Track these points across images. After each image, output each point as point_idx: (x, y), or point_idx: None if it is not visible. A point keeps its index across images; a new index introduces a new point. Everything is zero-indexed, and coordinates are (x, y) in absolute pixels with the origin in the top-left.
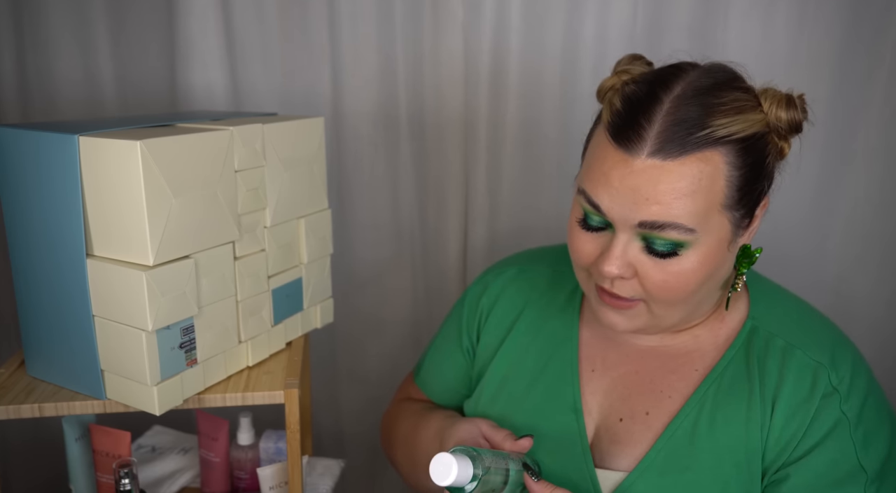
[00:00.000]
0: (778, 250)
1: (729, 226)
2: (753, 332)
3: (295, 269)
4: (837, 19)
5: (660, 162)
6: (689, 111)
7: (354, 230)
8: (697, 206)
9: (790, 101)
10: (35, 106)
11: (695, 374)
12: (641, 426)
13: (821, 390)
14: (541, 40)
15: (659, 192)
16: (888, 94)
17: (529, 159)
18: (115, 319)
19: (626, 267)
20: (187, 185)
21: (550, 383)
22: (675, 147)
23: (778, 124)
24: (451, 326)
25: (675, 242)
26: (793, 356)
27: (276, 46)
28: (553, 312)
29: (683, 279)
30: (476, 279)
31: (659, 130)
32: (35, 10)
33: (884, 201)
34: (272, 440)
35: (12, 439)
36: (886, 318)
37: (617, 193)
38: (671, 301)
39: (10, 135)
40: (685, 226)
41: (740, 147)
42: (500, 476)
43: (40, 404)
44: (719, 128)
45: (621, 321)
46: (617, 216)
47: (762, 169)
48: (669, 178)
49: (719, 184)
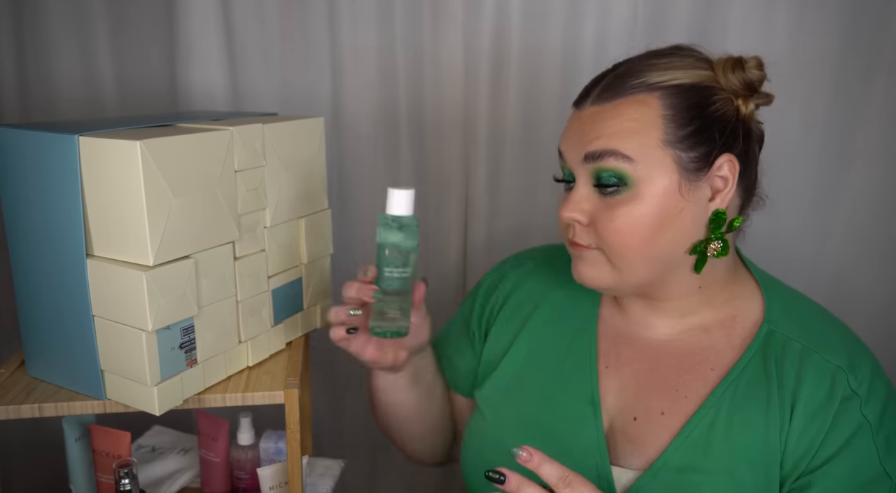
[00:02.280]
0: (778, 250)
1: (675, 166)
2: (770, 335)
3: (295, 269)
4: (837, 19)
5: (598, 107)
6: (630, 67)
7: (354, 230)
8: (634, 138)
9: (738, 62)
10: (35, 106)
11: (711, 374)
12: (657, 426)
13: (840, 394)
14: (541, 40)
15: (598, 129)
16: (888, 94)
17: (529, 159)
18: (115, 319)
19: (581, 212)
20: (187, 185)
21: (569, 375)
22: (611, 93)
23: (730, 85)
24: (462, 312)
25: (617, 174)
26: (810, 360)
27: (276, 46)
28: (571, 305)
29: (632, 220)
30: (494, 267)
31: (603, 85)
32: (35, 11)
33: (883, 201)
34: (272, 440)
35: (12, 439)
36: (885, 318)
37: (569, 139)
38: (624, 246)
39: (10, 135)
40: (622, 153)
41: (677, 91)
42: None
43: (40, 405)
44: (654, 76)
45: (586, 270)
46: (571, 158)
47: (707, 114)
48: (606, 116)
49: (656, 121)
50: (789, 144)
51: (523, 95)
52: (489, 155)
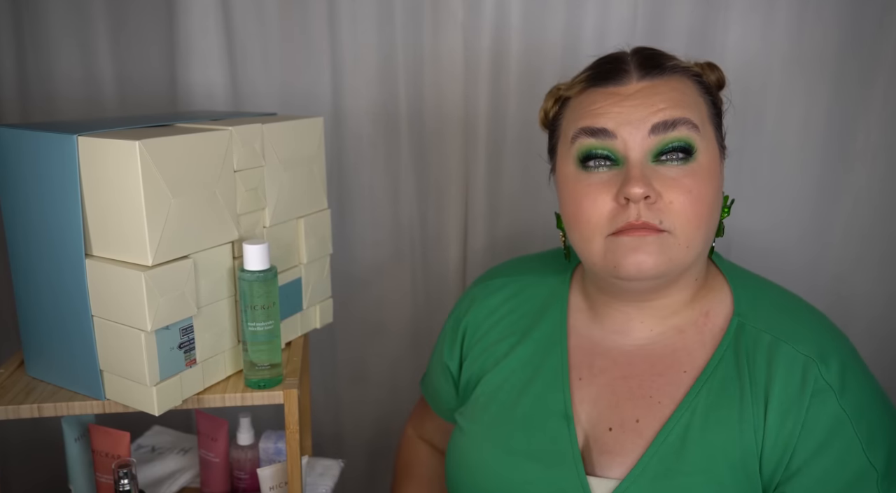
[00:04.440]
0: (778, 250)
1: (716, 143)
2: (741, 329)
3: (294, 269)
4: (837, 19)
5: (650, 82)
6: (650, 52)
7: (354, 230)
8: (695, 108)
9: (711, 64)
10: (35, 106)
11: (684, 376)
12: (632, 434)
13: (811, 386)
14: (540, 40)
15: (660, 100)
16: (888, 94)
17: (529, 159)
18: (114, 319)
19: (651, 188)
20: (186, 185)
21: (541, 390)
22: (658, 70)
23: (710, 82)
24: (440, 342)
25: (688, 142)
26: (780, 351)
27: (276, 46)
28: (540, 320)
29: (704, 191)
30: (464, 293)
31: (637, 64)
32: (35, 10)
33: (883, 202)
34: (272, 441)
35: (12, 439)
36: (886, 319)
37: (620, 113)
38: (696, 218)
39: (10, 135)
40: (692, 121)
41: (699, 77)
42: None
43: (39, 405)
44: (681, 64)
45: (647, 259)
46: (626, 133)
47: (716, 100)
48: (663, 88)
49: (701, 98)
50: (789, 145)
51: (523, 94)
52: (489, 154)
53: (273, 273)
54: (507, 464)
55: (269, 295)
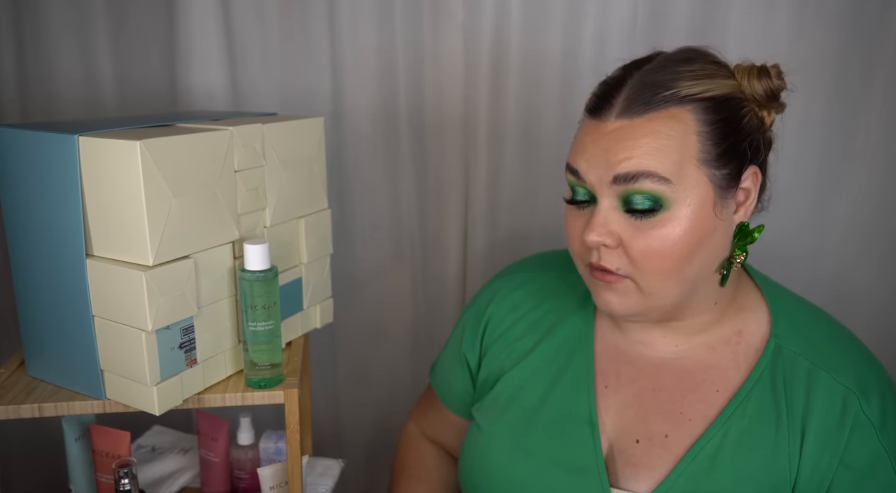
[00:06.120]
0: (778, 249)
1: (710, 185)
2: (778, 351)
3: (295, 269)
4: (837, 19)
5: (627, 121)
6: (656, 76)
7: (354, 230)
8: (670, 157)
9: (762, 70)
10: (35, 106)
11: (716, 395)
12: (660, 449)
13: (850, 420)
14: (541, 40)
15: (627, 147)
16: (888, 93)
17: (529, 159)
18: (114, 319)
19: (609, 235)
20: (187, 185)
21: (565, 393)
22: (640, 106)
23: (754, 93)
24: (456, 332)
25: (652, 197)
26: (818, 380)
27: (276, 46)
28: (566, 319)
29: (669, 244)
30: (486, 284)
31: (626, 95)
32: (35, 10)
33: (883, 199)
34: (272, 440)
35: (12, 439)
36: (886, 316)
37: (591, 155)
38: (658, 271)
39: (10, 135)
40: (658, 174)
41: (710, 105)
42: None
43: (40, 404)
44: (685, 88)
45: (614, 299)
46: (594, 178)
47: (739, 128)
48: (637, 133)
49: (691, 138)
50: (789, 144)
51: (523, 94)
52: (489, 154)
53: (273, 273)
54: (528, 468)
55: (269, 295)
